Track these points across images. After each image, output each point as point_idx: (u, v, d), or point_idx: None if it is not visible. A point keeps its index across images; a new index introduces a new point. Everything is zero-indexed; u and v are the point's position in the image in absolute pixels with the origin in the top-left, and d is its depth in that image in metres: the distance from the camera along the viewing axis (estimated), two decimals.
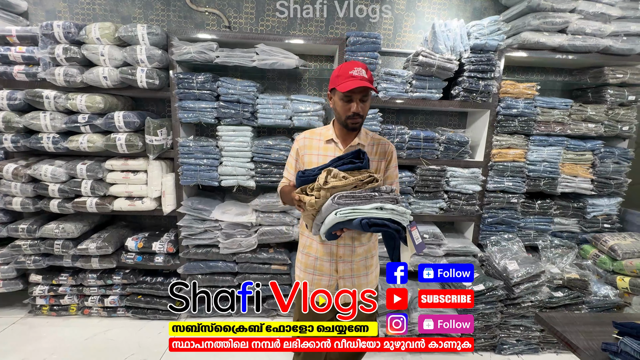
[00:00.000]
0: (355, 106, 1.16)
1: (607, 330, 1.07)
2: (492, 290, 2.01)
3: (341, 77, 1.16)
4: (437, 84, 2.18)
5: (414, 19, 2.44)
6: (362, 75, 1.14)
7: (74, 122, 2.06)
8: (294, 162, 1.33)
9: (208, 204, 2.25)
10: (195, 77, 2.08)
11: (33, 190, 2.14)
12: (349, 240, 1.25)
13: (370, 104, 1.25)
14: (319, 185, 1.01)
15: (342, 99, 1.17)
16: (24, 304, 2.34)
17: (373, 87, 1.15)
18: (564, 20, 2.11)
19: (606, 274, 2.25)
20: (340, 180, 1.00)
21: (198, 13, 2.35)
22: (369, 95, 1.19)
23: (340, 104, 1.19)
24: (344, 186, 0.99)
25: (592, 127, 2.31)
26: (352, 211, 0.96)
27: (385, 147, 1.30)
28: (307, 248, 1.31)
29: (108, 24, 2.00)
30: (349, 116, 1.18)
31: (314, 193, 1.04)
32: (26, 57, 2.06)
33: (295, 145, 1.33)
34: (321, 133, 1.31)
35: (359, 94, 1.15)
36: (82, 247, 2.17)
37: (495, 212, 2.35)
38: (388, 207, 0.97)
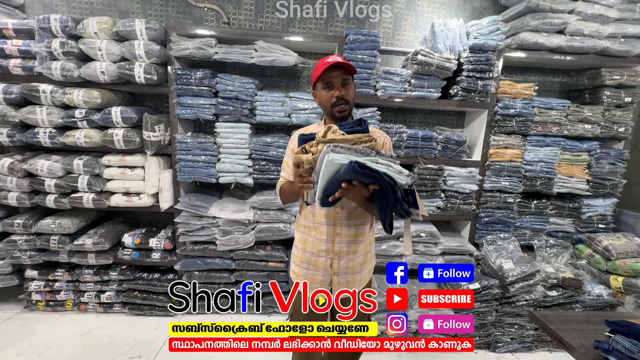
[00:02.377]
0: (337, 91, 1.15)
1: (599, 329, 1.08)
2: (488, 288, 2.03)
3: (318, 68, 1.17)
4: (435, 83, 2.19)
5: (413, 17, 2.44)
6: (338, 60, 1.15)
7: (71, 117, 2.04)
8: (290, 160, 1.30)
9: (205, 201, 2.25)
10: (194, 73, 2.07)
11: (29, 185, 2.12)
12: (346, 236, 1.24)
13: (354, 92, 1.23)
14: (318, 138, 0.98)
15: (324, 87, 1.17)
16: (20, 300, 2.33)
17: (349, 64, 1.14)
18: (562, 21, 2.12)
19: (600, 273, 2.27)
20: (339, 135, 0.97)
21: (197, 9, 2.34)
22: (349, 80, 1.18)
23: (323, 94, 1.19)
24: (342, 140, 0.96)
25: (589, 128, 2.33)
26: (346, 158, 0.91)
27: (379, 139, 1.27)
28: (303, 243, 1.30)
29: (106, 19, 1.98)
30: (333, 103, 1.17)
31: (312, 149, 1.00)
32: (23, 51, 2.04)
33: (290, 144, 1.33)
34: (314, 130, 1.28)
35: (338, 77, 1.15)
36: (79, 243, 2.16)
37: (492, 211, 2.37)
38: (383, 161, 0.93)
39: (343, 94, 1.16)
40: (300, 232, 1.32)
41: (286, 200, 1.31)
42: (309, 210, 1.27)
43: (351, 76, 1.20)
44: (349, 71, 1.17)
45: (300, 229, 1.32)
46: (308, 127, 1.35)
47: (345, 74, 1.16)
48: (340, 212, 1.22)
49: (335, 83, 1.16)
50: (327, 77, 1.16)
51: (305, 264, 1.29)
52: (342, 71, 1.16)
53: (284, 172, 1.35)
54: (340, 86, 1.16)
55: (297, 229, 1.35)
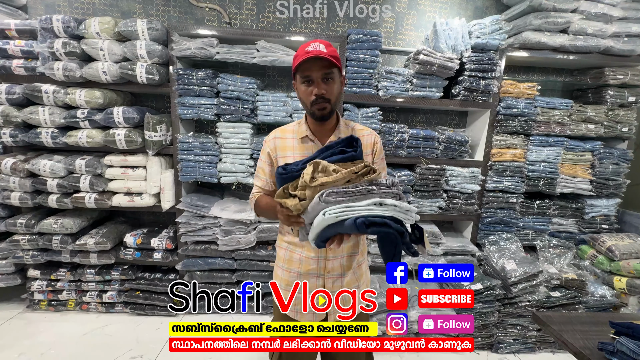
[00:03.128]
0: (315, 88, 0.98)
1: (603, 330, 1.07)
2: (490, 289, 2.02)
3: (297, 57, 0.99)
4: (437, 83, 2.18)
5: (415, 17, 2.44)
6: (320, 49, 0.96)
7: (73, 117, 2.05)
8: (268, 167, 1.14)
9: (207, 201, 2.25)
10: (195, 73, 2.07)
11: (31, 185, 2.13)
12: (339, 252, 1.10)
13: (340, 87, 1.06)
14: (305, 182, 0.83)
15: (302, 82, 1.01)
16: (22, 299, 2.33)
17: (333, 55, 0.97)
18: (565, 20, 2.11)
19: (603, 274, 2.26)
20: (330, 175, 0.82)
21: (199, 9, 2.34)
22: (333, 74, 1.00)
23: (301, 89, 1.02)
24: (335, 182, 0.82)
25: (592, 128, 2.32)
26: (345, 210, 0.79)
27: (368, 138, 1.12)
28: (288, 262, 1.14)
29: (108, 19, 1.98)
30: (312, 102, 1.00)
31: (297, 193, 0.86)
32: (25, 51, 2.05)
33: (266, 147, 1.13)
34: (294, 130, 1.13)
35: (319, 71, 0.98)
36: (81, 243, 2.17)
37: (494, 211, 2.36)
38: (389, 202, 0.79)
39: (323, 91, 0.99)
40: (284, 249, 1.16)
41: (264, 216, 1.16)
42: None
43: (337, 69, 1.01)
44: (333, 63, 0.98)
45: (283, 245, 1.16)
46: (285, 128, 1.16)
47: (327, 67, 0.98)
48: None
49: (315, 78, 0.98)
50: (306, 69, 0.98)
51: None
52: (324, 64, 0.97)
53: (259, 181, 1.16)
54: (320, 82, 0.99)
55: (279, 245, 1.19)
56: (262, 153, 1.15)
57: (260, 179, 1.16)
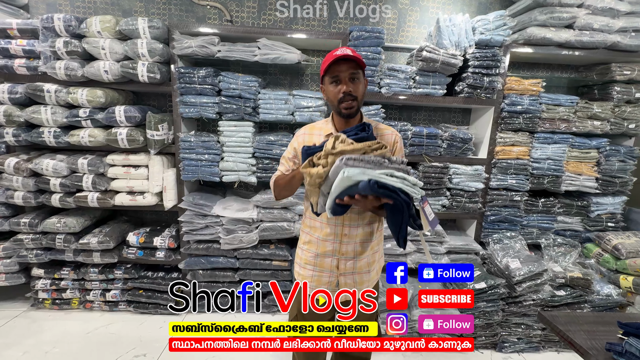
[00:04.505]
0: (344, 86, 1.09)
1: (610, 330, 1.06)
2: (494, 288, 2.00)
3: (326, 61, 1.11)
4: (440, 80, 2.15)
5: (418, 13, 2.41)
6: (347, 52, 1.08)
7: (75, 117, 2.05)
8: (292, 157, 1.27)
9: (209, 200, 2.24)
10: (197, 71, 2.06)
11: (34, 184, 2.14)
12: (353, 237, 1.21)
13: (364, 88, 1.17)
14: (327, 150, 0.95)
15: (331, 82, 1.12)
16: (27, 298, 2.35)
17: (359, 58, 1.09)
18: (571, 15, 2.08)
19: (609, 273, 2.23)
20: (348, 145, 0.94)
21: (200, 7, 2.33)
22: (359, 75, 1.12)
23: (330, 89, 1.13)
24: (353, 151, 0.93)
25: (598, 125, 2.28)
26: (361, 173, 0.89)
27: (389, 137, 1.23)
28: (308, 244, 1.27)
29: (109, 17, 1.98)
30: (340, 99, 1.11)
31: (320, 161, 0.98)
32: (27, 51, 2.05)
33: (294, 141, 1.27)
34: (321, 127, 1.25)
35: (346, 72, 1.09)
36: (84, 242, 2.18)
37: (498, 209, 2.34)
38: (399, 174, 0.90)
39: (351, 89, 1.10)
40: (305, 232, 1.29)
41: (280, 193, 1.26)
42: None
43: (362, 70, 1.13)
44: (358, 65, 1.11)
45: (306, 229, 1.29)
46: (314, 125, 1.29)
47: (354, 68, 1.10)
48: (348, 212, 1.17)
49: (343, 77, 1.10)
50: (335, 71, 1.10)
51: (310, 266, 1.25)
52: (351, 65, 1.09)
53: (282, 167, 1.29)
54: (348, 81, 1.10)
55: (303, 229, 1.32)
56: (290, 146, 1.28)
57: (284, 165, 1.28)
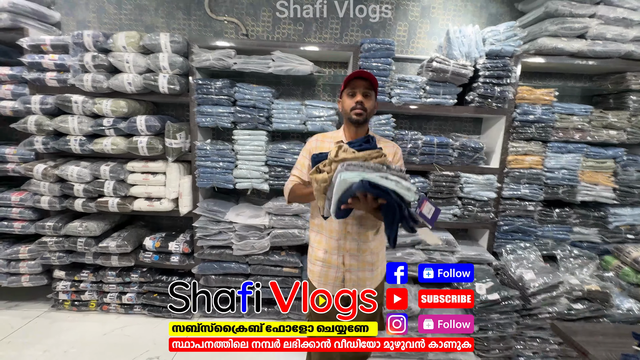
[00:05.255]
0: (359, 96, 1.27)
1: (627, 342, 1.03)
2: (508, 299, 1.96)
3: (348, 78, 1.30)
4: (451, 90, 2.18)
5: (428, 25, 2.46)
6: (365, 72, 1.28)
7: (100, 126, 2.16)
8: (306, 161, 1.38)
9: (223, 206, 2.30)
10: (214, 83, 2.15)
11: (60, 189, 2.25)
12: (356, 235, 1.31)
13: (375, 105, 1.33)
14: (331, 158, 1.06)
15: (348, 94, 1.30)
16: (48, 299, 2.44)
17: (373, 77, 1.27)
18: (583, 25, 2.08)
19: (629, 287, 2.15)
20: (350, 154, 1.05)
21: (217, 22, 2.44)
22: (371, 93, 1.30)
23: (346, 101, 1.30)
24: (354, 159, 1.04)
25: (614, 134, 2.25)
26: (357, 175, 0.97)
27: (390, 148, 1.35)
28: (317, 242, 1.38)
29: (134, 33, 2.10)
30: (352, 107, 1.27)
31: (325, 168, 1.08)
32: (58, 65, 2.19)
33: (308, 146, 1.41)
34: (333, 136, 1.39)
35: (362, 87, 1.27)
36: (103, 245, 2.26)
37: (511, 219, 2.31)
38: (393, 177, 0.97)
39: (362, 100, 1.27)
40: (315, 231, 1.40)
41: (294, 200, 1.37)
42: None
43: (374, 91, 1.31)
44: (372, 85, 1.29)
45: (315, 228, 1.41)
46: (327, 134, 1.43)
47: (368, 86, 1.28)
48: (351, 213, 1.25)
49: (358, 91, 1.28)
50: (353, 85, 1.28)
51: (320, 262, 1.35)
52: (366, 84, 1.28)
53: (297, 171, 1.41)
54: (361, 95, 1.27)
55: (312, 229, 1.43)
56: (304, 150, 1.42)
57: (298, 169, 1.41)
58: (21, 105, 2.18)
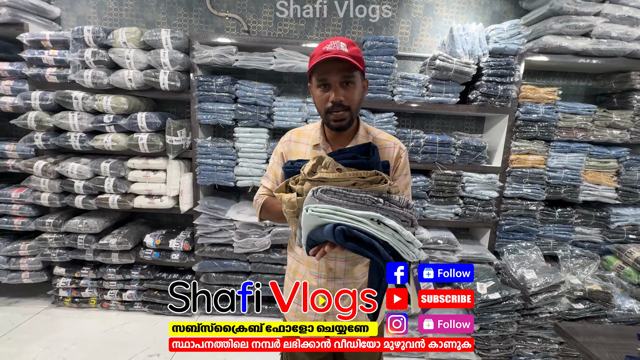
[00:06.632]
0: (332, 94, 0.85)
1: (631, 344, 1.03)
2: (509, 299, 1.96)
3: (314, 56, 0.86)
4: (454, 88, 2.16)
5: (431, 23, 2.44)
6: (340, 49, 0.83)
7: (100, 122, 2.15)
8: (279, 169, 1.05)
9: (223, 204, 2.30)
10: (215, 79, 2.14)
11: (60, 186, 2.24)
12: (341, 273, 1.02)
13: (362, 94, 0.93)
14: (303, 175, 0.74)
15: (318, 85, 0.88)
16: (48, 295, 2.44)
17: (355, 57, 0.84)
18: (588, 23, 2.06)
19: (631, 287, 2.15)
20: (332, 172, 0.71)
21: (219, 18, 2.42)
22: (354, 78, 0.87)
23: (316, 94, 0.89)
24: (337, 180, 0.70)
25: (617, 134, 2.23)
26: (332, 211, 0.65)
27: (390, 150, 0.99)
28: (293, 272, 1.08)
29: (134, 29, 2.09)
30: (327, 109, 0.88)
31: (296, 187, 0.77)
32: (58, 60, 2.17)
33: (280, 148, 1.05)
34: (309, 135, 1.02)
35: (337, 74, 0.84)
36: (104, 242, 2.26)
37: (513, 219, 2.30)
38: (389, 222, 0.64)
39: (341, 98, 0.86)
40: (292, 257, 1.11)
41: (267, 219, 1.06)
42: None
43: (359, 72, 0.89)
44: (355, 65, 0.85)
45: (292, 253, 1.11)
46: (303, 130, 1.07)
47: (348, 70, 0.85)
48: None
49: (333, 82, 0.85)
50: (323, 72, 0.85)
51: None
52: (345, 66, 0.84)
53: (268, 182, 1.06)
54: (338, 87, 0.85)
55: (290, 251, 1.13)
56: (275, 153, 1.06)
57: (270, 179, 1.07)
58: (21, 101, 2.17)
